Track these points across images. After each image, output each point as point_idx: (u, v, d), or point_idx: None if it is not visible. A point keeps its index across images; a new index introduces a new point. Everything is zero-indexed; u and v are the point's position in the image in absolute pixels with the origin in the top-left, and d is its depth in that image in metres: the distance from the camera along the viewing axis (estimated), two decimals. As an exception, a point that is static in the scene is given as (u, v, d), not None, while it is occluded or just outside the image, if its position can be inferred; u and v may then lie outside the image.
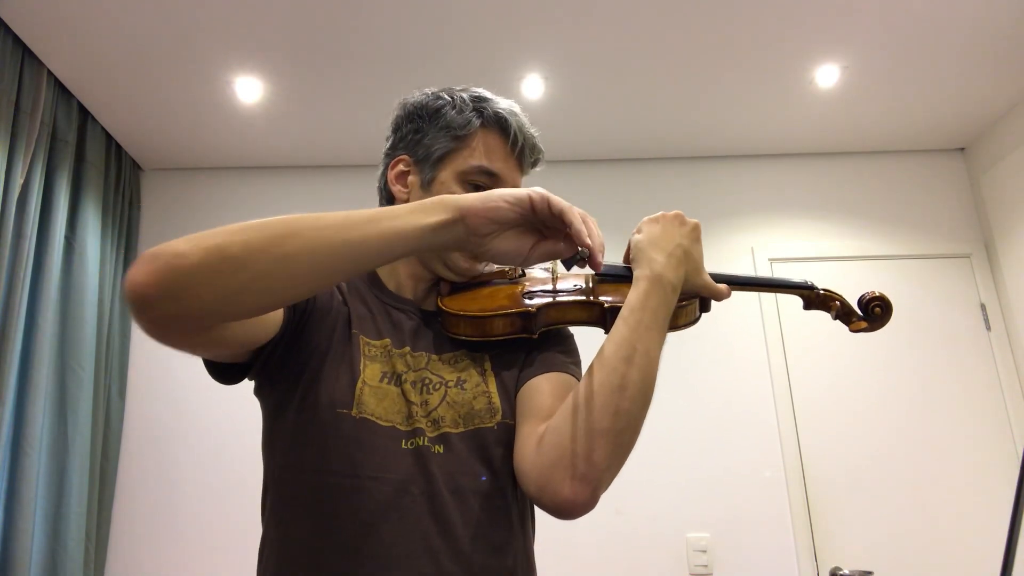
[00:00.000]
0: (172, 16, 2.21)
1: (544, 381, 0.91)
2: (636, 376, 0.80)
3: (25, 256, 2.23)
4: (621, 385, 0.79)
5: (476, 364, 0.94)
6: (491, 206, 0.76)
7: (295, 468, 0.86)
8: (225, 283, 0.66)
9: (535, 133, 1.01)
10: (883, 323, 0.95)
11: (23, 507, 2.17)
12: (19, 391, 2.23)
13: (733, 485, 2.65)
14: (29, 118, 2.30)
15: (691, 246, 0.91)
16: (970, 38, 2.40)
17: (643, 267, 0.87)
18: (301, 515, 0.84)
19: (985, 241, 2.95)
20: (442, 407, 0.88)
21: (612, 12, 2.25)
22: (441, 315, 0.94)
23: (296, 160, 3.07)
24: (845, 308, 0.97)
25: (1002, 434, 2.70)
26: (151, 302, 0.64)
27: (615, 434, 0.78)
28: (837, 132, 2.97)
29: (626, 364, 0.80)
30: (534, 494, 0.82)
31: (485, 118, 0.97)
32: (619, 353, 0.81)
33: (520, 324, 0.91)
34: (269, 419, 0.92)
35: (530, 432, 0.86)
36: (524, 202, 0.77)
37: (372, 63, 2.45)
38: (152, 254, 0.64)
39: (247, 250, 0.66)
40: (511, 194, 0.77)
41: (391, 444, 0.84)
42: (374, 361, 0.89)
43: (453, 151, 0.96)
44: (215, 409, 2.71)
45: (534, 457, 0.82)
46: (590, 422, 0.78)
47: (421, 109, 1.00)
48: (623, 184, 3.10)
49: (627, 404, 0.79)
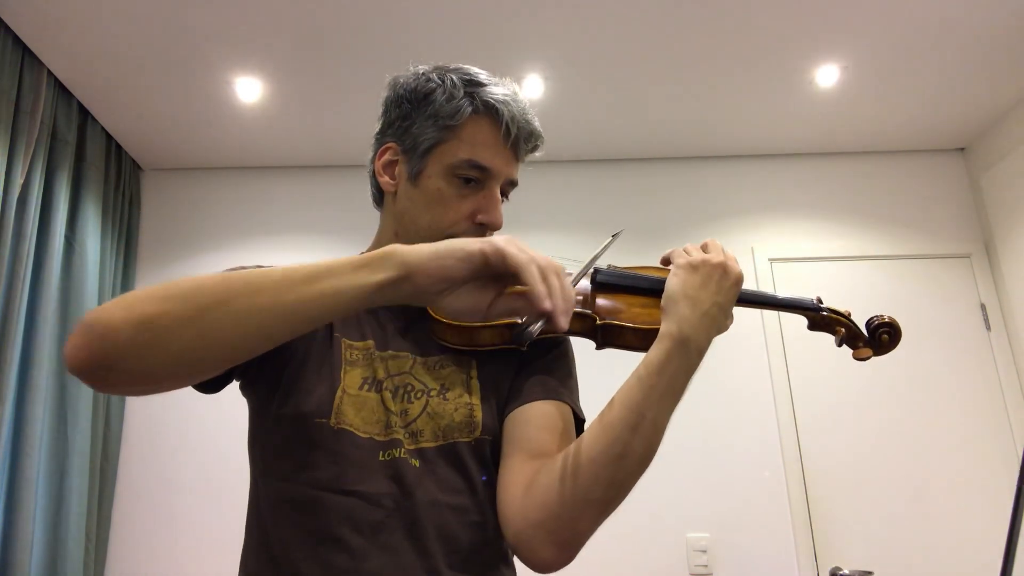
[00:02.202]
0: (172, 16, 2.20)
1: (534, 410, 0.87)
2: (639, 446, 0.75)
3: (25, 256, 2.23)
4: (622, 454, 0.74)
5: (462, 371, 0.90)
6: (439, 264, 0.68)
7: (272, 475, 0.84)
8: (155, 357, 0.64)
9: (533, 118, 0.94)
10: (889, 350, 0.91)
11: (23, 507, 2.17)
12: (19, 391, 2.23)
13: (733, 485, 2.65)
14: (29, 118, 2.30)
15: (729, 304, 0.83)
16: (970, 38, 2.40)
17: (670, 322, 0.80)
18: (276, 523, 0.82)
19: (985, 241, 2.95)
20: (422, 419, 0.85)
21: (612, 12, 2.25)
22: (429, 320, 0.90)
23: (296, 160, 3.07)
24: (851, 333, 0.93)
25: (1002, 434, 2.70)
26: (85, 374, 0.64)
27: (605, 503, 0.75)
28: (837, 132, 2.97)
29: (631, 432, 0.75)
30: (510, 542, 0.80)
31: (476, 106, 0.89)
32: (627, 420, 0.75)
33: (509, 336, 0.87)
34: (252, 421, 0.90)
35: (517, 468, 0.82)
36: (475, 258, 0.69)
37: (372, 63, 2.44)
38: (87, 326, 0.63)
39: (176, 322, 0.64)
40: (462, 249, 0.69)
41: (368, 456, 0.81)
42: (355, 366, 0.86)
43: (441, 142, 0.89)
44: (215, 409, 2.70)
45: (519, 506, 0.79)
46: (583, 491, 0.74)
47: (411, 93, 0.92)
48: (623, 184, 3.10)
49: (623, 475, 0.75)
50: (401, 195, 0.93)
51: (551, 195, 3.04)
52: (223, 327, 0.65)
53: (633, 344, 0.87)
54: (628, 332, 0.85)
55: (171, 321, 0.64)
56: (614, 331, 0.85)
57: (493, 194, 0.91)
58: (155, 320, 0.63)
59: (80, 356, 0.63)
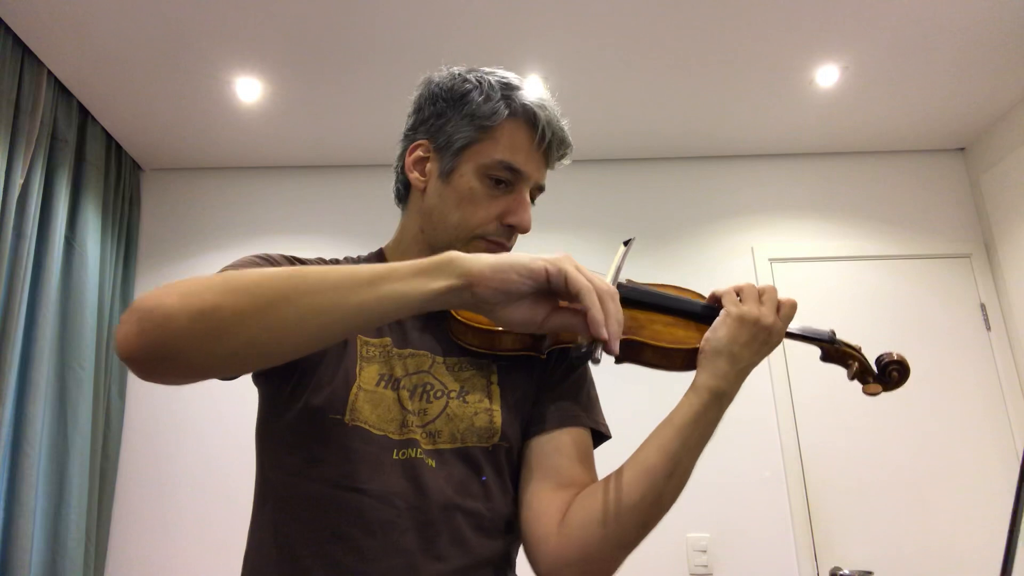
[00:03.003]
0: (172, 16, 2.21)
1: (565, 438, 0.88)
2: (671, 490, 0.79)
3: (25, 256, 2.23)
4: (657, 501, 0.78)
5: (482, 375, 0.89)
6: (502, 277, 0.69)
7: (281, 470, 0.83)
8: (214, 348, 0.63)
9: (565, 125, 0.95)
10: (898, 387, 0.94)
11: (23, 507, 2.17)
12: (19, 391, 2.23)
13: (733, 485, 2.65)
14: (29, 118, 2.30)
15: (761, 360, 0.86)
16: (970, 38, 2.40)
17: (708, 376, 0.83)
18: (283, 520, 0.81)
19: (985, 241, 2.95)
20: (441, 419, 0.84)
21: (612, 12, 2.25)
22: (449, 320, 0.89)
23: (296, 160, 3.07)
24: (862, 367, 0.94)
25: (1002, 434, 2.70)
26: (140, 363, 0.63)
27: (636, 545, 0.79)
28: (837, 132, 2.97)
29: (667, 480, 0.79)
30: (542, 573, 0.82)
31: (513, 109, 0.91)
32: (665, 468, 0.79)
33: (529, 342, 0.88)
34: (262, 412, 0.89)
35: (548, 498, 0.84)
36: (539, 275, 0.70)
37: (372, 63, 2.45)
38: (141, 314, 0.62)
39: (239, 316, 0.63)
40: (525, 266, 0.70)
41: (382, 454, 0.81)
42: (372, 363, 0.86)
43: (476, 142, 0.90)
44: (215, 409, 2.71)
45: (555, 543, 0.81)
46: (621, 536, 0.78)
47: (447, 92, 0.93)
48: (623, 184, 3.10)
49: (655, 519, 0.79)
50: (431, 192, 0.93)
51: (551, 195, 2.99)
52: (286, 325, 0.65)
53: (652, 362, 0.87)
54: (649, 350, 0.86)
55: (232, 314, 0.63)
56: (635, 347, 0.86)
57: (523, 197, 0.92)
58: (216, 312, 0.62)
59: (136, 343, 0.62)
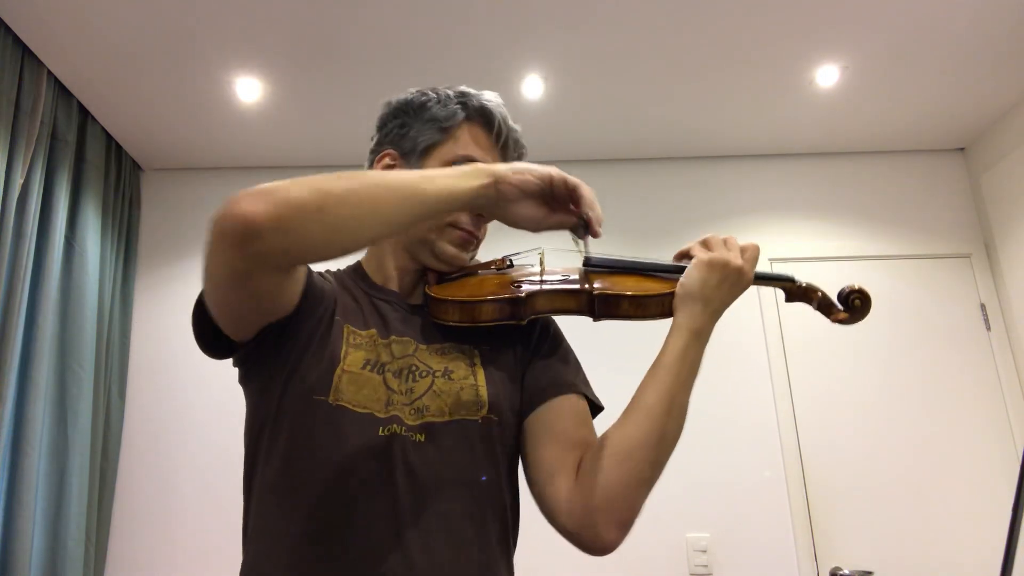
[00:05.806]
0: (172, 16, 2.21)
1: (565, 403, 0.93)
2: (673, 428, 0.84)
3: (25, 256, 2.23)
4: (661, 437, 0.83)
5: (465, 356, 0.93)
6: (521, 178, 0.85)
7: (269, 454, 0.85)
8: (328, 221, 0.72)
9: (518, 128, 1.04)
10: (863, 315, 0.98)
11: (23, 507, 2.17)
12: (19, 391, 2.23)
13: (733, 485, 2.65)
14: (29, 118, 2.30)
15: (732, 302, 0.92)
16: (970, 38, 2.40)
17: (686, 316, 0.89)
18: (274, 503, 0.84)
19: (985, 241, 2.95)
20: (428, 396, 0.87)
21: (612, 12, 2.25)
22: (429, 302, 0.94)
23: (296, 160, 3.07)
24: (826, 300, 1.00)
25: (1002, 434, 2.70)
26: (262, 234, 0.68)
27: (652, 482, 0.84)
28: (837, 132, 2.97)
29: (666, 416, 0.84)
30: (571, 530, 0.84)
31: (470, 110, 1.00)
32: (661, 405, 0.84)
33: (509, 311, 0.91)
34: (251, 406, 0.92)
35: (558, 458, 0.88)
36: (547, 178, 0.86)
37: (372, 63, 2.45)
38: (261, 191, 0.69)
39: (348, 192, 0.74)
40: (536, 169, 0.86)
41: (366, 431, 0.83)
42: (358, 349, 0.89)
43: (439, 143, 0.98)
44: (215, 409, 2.71)
45: (574, 494, 0.85)
46: (636, 473, 0.82)
47: (406, 105, 1.02)
48: (623, 184, 3.10)
49: (664, 455, 0.84)
50: None
51: (551, 195, 3.03)
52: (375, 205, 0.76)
53: (629, 312, 0.92)
54: (625, 301, 0.92)
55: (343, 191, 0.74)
56: (612, 300, 0.92)
57: None
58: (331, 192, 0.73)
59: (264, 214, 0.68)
